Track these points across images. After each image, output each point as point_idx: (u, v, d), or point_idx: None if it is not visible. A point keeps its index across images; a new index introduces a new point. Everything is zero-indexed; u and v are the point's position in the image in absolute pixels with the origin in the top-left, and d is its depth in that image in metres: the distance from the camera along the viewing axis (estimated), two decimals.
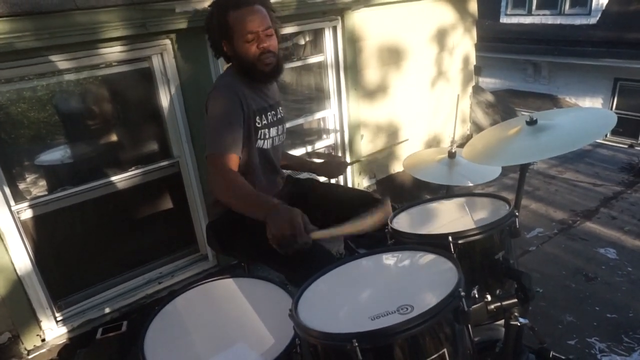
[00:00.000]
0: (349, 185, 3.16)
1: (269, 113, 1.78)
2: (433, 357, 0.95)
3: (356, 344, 0.89)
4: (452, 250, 1.25)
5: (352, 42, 2.90)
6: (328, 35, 2.85)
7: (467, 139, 4.04)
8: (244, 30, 1.62)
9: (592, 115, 1.64)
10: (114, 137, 2.42)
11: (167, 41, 2.19)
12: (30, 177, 2.21)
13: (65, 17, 1.82)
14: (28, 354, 2.14)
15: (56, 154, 2.28)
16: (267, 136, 1.78)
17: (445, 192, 2.12)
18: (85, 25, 1.88)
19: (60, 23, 1.83)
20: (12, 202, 2.02)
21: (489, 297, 1.07)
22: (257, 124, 1.73)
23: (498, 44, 9.29)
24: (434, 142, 3.69)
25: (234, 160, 1.57)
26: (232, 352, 1.17)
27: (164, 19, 2.08)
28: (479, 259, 1.30)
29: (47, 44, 1.85)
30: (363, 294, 1.14)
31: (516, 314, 1.09)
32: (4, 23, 1.71)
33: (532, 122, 1.53)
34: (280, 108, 1.88)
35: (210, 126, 1.62)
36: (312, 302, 1.12)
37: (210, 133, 1.60)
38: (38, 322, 2.16)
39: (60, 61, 1.97)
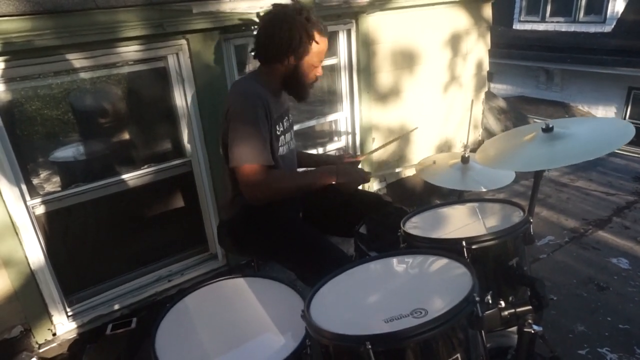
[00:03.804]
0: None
1: (284, 120, 1.81)
2: None
3: (369, 346, 0.88)
4: (466, 255, 1.24)
5: (366, 46, 2.90)
6: (342, 38, 2.86)
7: (478, 144, 4.02)
8: (317, 57, 1.71)
9: (609, 126, 1.62)
10: (128, 136, 2.44)
11: (183, 41, 2.21)
12: (45, 174, 2.24)
13: (85, 16, 1.85)
14: (39, 348, 2.17)
15: (71, 151, 2.31)
16: (284, 142, 1.80)
17: (458, 197, 2.11)
18: (104, 24, 1.91)
19: (80, 22, 1.85)
20: (27, 197, 2.05)
21: (502, 304, 1.06)
22: (277, 131, 1.75)
23: (511, 51, 9.24)
24: (445, 147, 3.68)
25: (274, 170, 1.66)
26: (242, 351, 1.18)
27: (181, 20, 2.10)
28: (493, 264, 1.29)
29: (66, 42, 1.88)
30: (376, 296, 1.14)
31: (530, 321, 1.08)
32: (26, 21, 1.74)
33: (548, 130, 1.52)
34: (290, 114, 1.90)
35: (245, 135, 1.60)
36: (325, 303, 1.12)
37: (246, 143, 1.59)
38: (50, 316, 2.18)
39: (79, 59, 1.99)
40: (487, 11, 3.60)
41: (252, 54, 1.76)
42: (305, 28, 1.63)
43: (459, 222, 1.57)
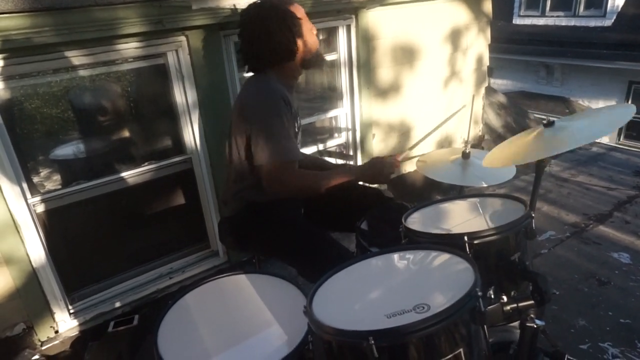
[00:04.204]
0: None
1: (298, 117, 1.80)
2: (449, 356, 0.94)
3: (372, 342, 0.88)
4: (468, 250, 1.23)
5: (366, 41, 2.89)
6: (342, 34, 2.85)
7: (479, 139, 4.02)
8: (308, 22, 1.68)
9: (610, 110, 1.61)
10: (128, 133, 2.44)
11: (183, 38, 2.21)
12: (46, 172, 2.24)
13: (84, 13, 1.84)
14: (41, 345, 2.17)
15: (71, 149, 2.30)
16: (299, 140, 1.80)
17: (458, 192, 2.10)
18: (103, 21, 1.90)
19: (79, 19, 1.85)
20: (28, 195, 2.05)
21: (504, 298, 1.06)
22: (295, 129, 1.74)
23: (510, 46, 9.21)
24: (445, 143, 3.68)
25: (296, 164, 1.64)
26: (244, 347, 1.18)
27: (180, 16, 2.09)
28: (494, 259, 1.29)
29: (65, 40, 1.87)
30: (378, 292, 1.14)
31: (532, 315, 1.08)
32: (25, 18, 1.74)
33: (549, 124, 1.51)
34: (299, 112, 1.90)
35: (274, 132, 1.57)
36: (327, 299, 1.11)
37: (275, 140, 1.57)
38: (52, 314, 2.19)
39: (78, 57, 1.99)
40: (487, 5, 3.59)
41: (248, 67, 1.71)
42: (286, 13, 1.61)
43: (461, 218, 1.57)
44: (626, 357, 1.99)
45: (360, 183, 3.02)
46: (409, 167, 3.46)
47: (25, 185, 2.04)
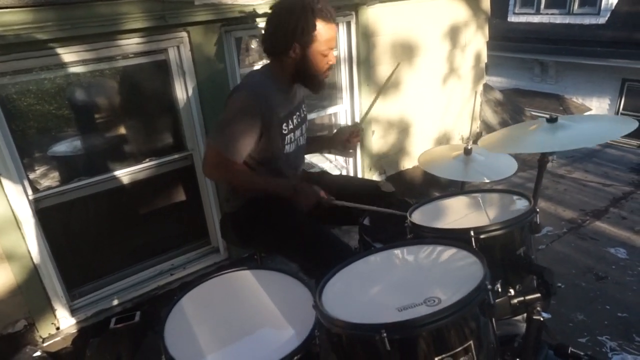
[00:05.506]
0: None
1: (294, 116, 1.80)
2: (459, 349, 0.96)
3: (384, 335, 0.89)
4: (474, 244, 1.25)
5: (366, 38, 2.90)
6: (342, 31, 2.85)
7: (476, 136, 4.04)
8: (326, 44, 1.67)
9: (612, 120, 1.65)
10: (129, 129, 2.43)
11: (184, 34, 2.20)
12: (47, 168, 2.22)
13: (87, 8, 1.83)
14: (43, 342, 2.16)
15: (72, 145, 2.29)
16: (292, 140, 1.79)
17: (460, 188, 2.12)
18: (106, 16, 1.89)
19: (83, 14, 1.84)
20: (29, 192, 2.03)
21: (512, 292, 1.08)
22: (283, 130, 1.74)
23: (505, 43, 9.26)
24: (444, 139, 3.70)
25: (237, 164, 1.65)
26: (250, 342, 1.18)
27: (183, 11, 2.08)
28: (500, 254, 1.30)
29: (68, 35, 1.86)
30: (387, 286, 1.15)
31: (538, 308, 1.10)
32: (28, 13, 1.72)
33: (552, 120, 1.53)
34: (303, 105, 1.89)
35: (225, 122, 1.64)
36: (335, 294, 1.12)
37: (223, 129, 1.62)
38: (53, 310, 2.18)
39: (80, 52, 1.97)
40: (486, 2, 3.61)
41: (262, 48, 1.75)
42: (307, 16, 1.61)
43: (464, 213, 1.58)
44: (624, 350, 2.02)
45: (360, 176, 3.05)
46: (407, 164, 3.48)
47: (26, 182, 2.02)
